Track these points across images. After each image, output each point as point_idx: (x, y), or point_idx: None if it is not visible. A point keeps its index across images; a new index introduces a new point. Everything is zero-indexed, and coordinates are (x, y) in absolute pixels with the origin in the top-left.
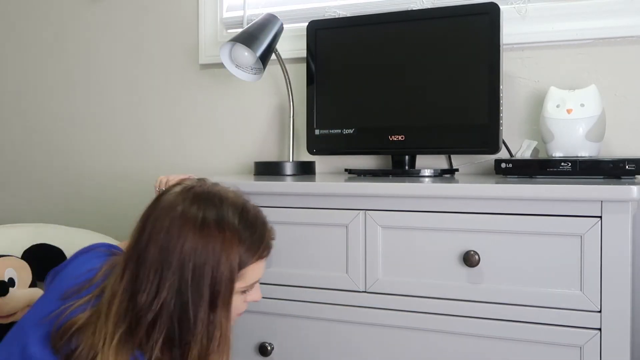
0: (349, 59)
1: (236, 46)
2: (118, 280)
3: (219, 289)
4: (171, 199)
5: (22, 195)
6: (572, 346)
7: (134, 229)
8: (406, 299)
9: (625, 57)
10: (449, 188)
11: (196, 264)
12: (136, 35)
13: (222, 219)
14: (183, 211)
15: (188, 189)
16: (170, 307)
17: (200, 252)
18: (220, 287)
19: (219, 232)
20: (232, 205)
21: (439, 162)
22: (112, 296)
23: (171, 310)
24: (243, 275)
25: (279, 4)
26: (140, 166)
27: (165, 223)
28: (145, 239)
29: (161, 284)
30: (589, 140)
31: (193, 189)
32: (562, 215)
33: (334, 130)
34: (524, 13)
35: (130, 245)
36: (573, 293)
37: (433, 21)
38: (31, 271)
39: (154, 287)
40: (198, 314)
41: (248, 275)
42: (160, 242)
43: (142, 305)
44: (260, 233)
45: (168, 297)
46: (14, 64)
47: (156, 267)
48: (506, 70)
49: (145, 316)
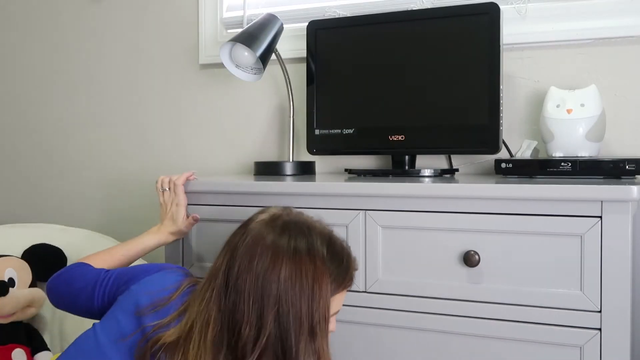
0: (349, 59)
1: (236, 46)
2: (207, 305)
3: (317, 318)
4: (259, 228)
5: (22, 195)
6: (572, 346)
7: (218, 255)
8: (406, 299)
9: (625, 57)
10: (449, 188)
11: (294, 294)
12: (136, 35)
13: (312, 249)
14: (274, 241)
15: (276, 218)
16: (272, 339)
17: (295, 281)
18: (318, 316)
19: (311, 261)
20: (319, 235)
21: (439, 162)
22: (205, 323)
23: (273, 342)
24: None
25: (279, 4)
26: (140, 166)
27: (257, 251)
28: (236, 267)
29: (264, 315)
30: (589, 140)
31: (281, 218)
32: (562, 215)
33: (334, 130)
34: (524, 13)
35: (216, 270)
36: (573, 293)
37: (433, 21)
38: (31, 271)
39: (256, 319)
40: (299, 344)
41: (333, 305)
42: (255, 271)
43: (247, 337)
44: (346, 264)
45: (272, 329)
46: (14, 64)
47: (254, 297)
48: (506, 70)
49: (252, 349)
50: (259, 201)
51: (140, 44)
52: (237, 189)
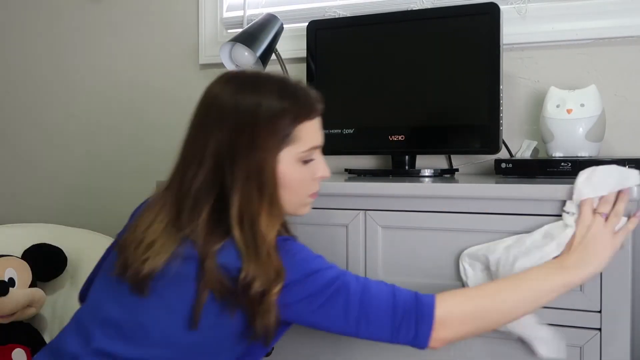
0: (349, 59)
1: (236, 46)
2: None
3: (261, 125)
4: (209, 86)
5: (22, 195)
6: (572, 346)
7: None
8: None
9: (625, 57)
10: (449, 188)
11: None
12: (136, 35)
13: (260, 100)
14: (218, 93)
15: (225, 74)
16: (211, 165)
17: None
18: (260, 124)
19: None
20: (269, 81)
21: (439, 162)
22: (165, 189)
23: (211, 168)
24: (296, 137)
25: (279, 4)
26: (140, 166)
27: (204, 107)
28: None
29: (207, 141)
30: (589, 140)
31: (229, 73)
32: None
33: (334, 130)
34: (524, 13)
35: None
36: (573, 293)
37: (433, 21)
38: (31, 271)
39: (198, 152)
40: (239, 154)
41: (302, 135)
42: (199, 119)
43: (188, 180)
44: (303, 96)
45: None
46: (14, 64)
47: (196, 133)
48: (506, 70)
49: (189, 191)
50: None
51: (140, 44)
52: None
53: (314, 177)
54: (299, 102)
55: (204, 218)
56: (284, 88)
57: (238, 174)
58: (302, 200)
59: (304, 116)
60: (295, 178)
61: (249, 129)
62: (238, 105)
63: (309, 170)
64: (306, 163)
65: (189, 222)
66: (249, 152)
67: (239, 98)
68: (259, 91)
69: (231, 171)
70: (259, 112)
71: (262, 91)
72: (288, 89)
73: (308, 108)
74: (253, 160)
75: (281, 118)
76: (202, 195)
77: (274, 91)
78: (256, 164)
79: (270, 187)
